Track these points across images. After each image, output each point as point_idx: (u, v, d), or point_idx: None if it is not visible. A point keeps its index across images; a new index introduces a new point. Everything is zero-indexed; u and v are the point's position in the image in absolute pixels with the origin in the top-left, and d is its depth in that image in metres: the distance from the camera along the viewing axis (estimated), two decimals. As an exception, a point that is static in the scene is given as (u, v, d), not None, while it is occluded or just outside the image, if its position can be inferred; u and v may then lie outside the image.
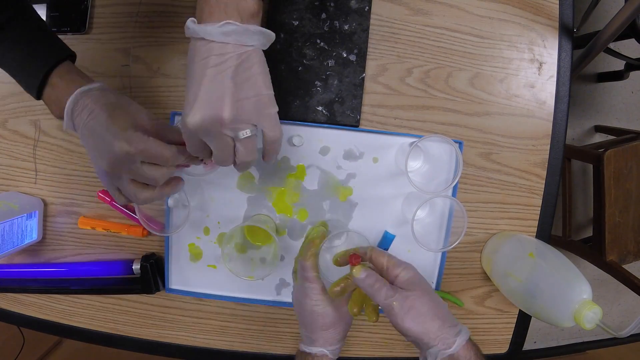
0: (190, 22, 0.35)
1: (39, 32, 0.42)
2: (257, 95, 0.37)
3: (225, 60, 0.35)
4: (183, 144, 0.40)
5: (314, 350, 0.48)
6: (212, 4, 0.35)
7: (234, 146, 0.39)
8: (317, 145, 0.56)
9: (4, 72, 0.57)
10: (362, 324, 0.62)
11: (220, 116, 0.36)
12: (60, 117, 0.41)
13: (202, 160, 0.43)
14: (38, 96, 0.41)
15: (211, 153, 0.40)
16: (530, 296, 0.50)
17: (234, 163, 0.41)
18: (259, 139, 0.41)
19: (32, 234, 0.58)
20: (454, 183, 0.50)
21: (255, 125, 0.39)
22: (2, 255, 0.53)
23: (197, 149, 0.39)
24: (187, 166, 0.44)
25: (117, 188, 0.42)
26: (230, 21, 0.34)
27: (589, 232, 1.26)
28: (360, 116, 0.56)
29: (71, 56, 0.44)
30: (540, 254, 0.52)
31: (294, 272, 0.51)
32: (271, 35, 0.38)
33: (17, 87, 0.57)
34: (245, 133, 0.38)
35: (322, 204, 0.58)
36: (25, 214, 0.55)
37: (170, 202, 0.56)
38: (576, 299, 0.45)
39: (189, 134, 0.38)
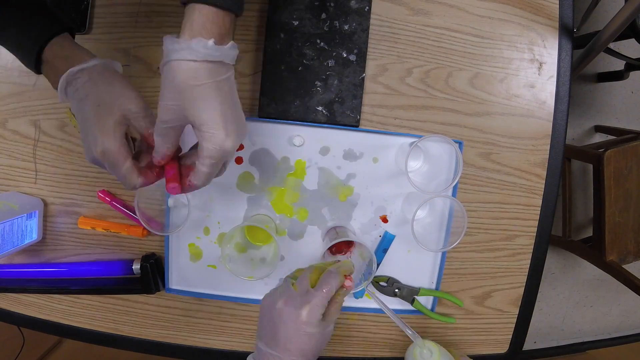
0: (213, 43, 0.34)
1: (32, 8, 0.41)
2: (241, 114, 0.40)
3: (231, 81, 0.37)
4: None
5: None
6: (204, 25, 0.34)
7: None
8: (317, 145, 0.56)
9: (4, 72, 0.57)
10: (363, 324, 0.62)
11: (245, 134, 0.39)
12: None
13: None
14: (38, 72, 0.41)
15: None
16: None
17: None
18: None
19: (32, 234, 0.58)
20: (454, 183, 0.50)
21: None
22: (2, 255, 0.53)
23: (214, 172, 0.39)
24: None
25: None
26: (215, 40, 0.34)
27: (589, 232, 1.26)
28: (360, 116, 0.56)
29: (67, 29, 0.42)
30: None
31: (292, 277, 0.45)
32: (236, 49, 0.38)
33: (17, 87, 0.57)
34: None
35: (322, 204, 0.58)
36: (25, 214, 0.55)
37: (171, 202, 0.56)
38: None
39: (221, 158, 0.37)
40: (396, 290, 0.60)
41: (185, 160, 0.42)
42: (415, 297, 0.60)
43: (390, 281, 0.60)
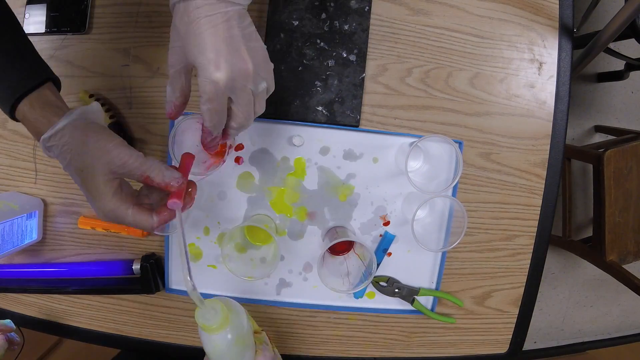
0: None
1: (14, 54, 0.39)
2: (262, 48, 0.38)
3: (230, 17, 0.35)
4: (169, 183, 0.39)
5: None
6: None
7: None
8: (317, 145, 0.56)
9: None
10: (363, 324, 0.62)
11: (246, 68, 0.36)
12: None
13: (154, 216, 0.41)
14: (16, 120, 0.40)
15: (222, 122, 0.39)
16: None
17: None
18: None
19: (32, 234, 0.58)
20: (454, 183, 0.50)
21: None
22: (2, 255, 0.53)
23: (220, 112, 0.38)
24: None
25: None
26: None
27: (589, 232, 1.26)
28: (360, 116, 0.56)
29: (50, 80, 0.41)
30: None
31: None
32: None
33: (17, 87, 0.57)
34: (263, 85, 0.39)
35: (321, 204, 0.58)
36: (25, 214, 0.55)
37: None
38: None
39: (215, 94, 0.36)
40: (396, 290, 0.60)
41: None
42: (415, 297, 0.60)
43: (390, 281, 0.60)
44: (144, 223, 0.39)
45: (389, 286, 0.60)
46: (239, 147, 0.56)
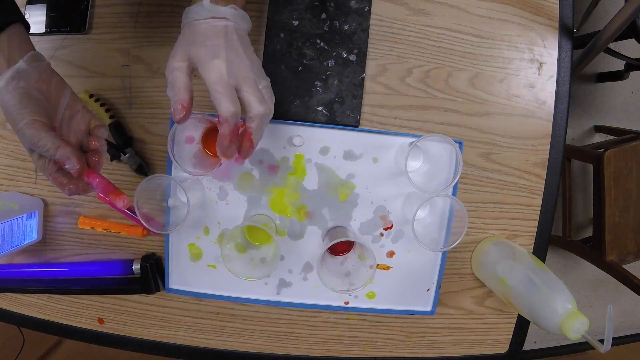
0: (207, 2, 0.40)
1: None
2: (258, 60, 0.43)
3: (229, 31, 0.41)
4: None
5: None
6: None
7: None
8: (317, 145, 0.56)
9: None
10: (362, 324, 0.62)
11: (242, 59, 0.41)
12: None
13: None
14: None
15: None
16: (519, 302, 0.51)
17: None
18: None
19: (32, 234, 0.58)
20: (454, 182, 0.50)
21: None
22: (2, 255, 0.53)
23: (230, 97, 0.40)
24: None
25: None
26: (235, 6, 0.41)
27: (589, 232, 1.26)
28: (360, 116, 0.56)
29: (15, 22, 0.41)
30: (526, 264, 0.52)
31: None
32: (250, 21, 0.44)
33: (17, 87, 0.57)
34: (263, 82, 0.42)
35: (321, 204, 0.58)
36: (25, 214, 0.55)
37: (171, 201, 0.56)
38: (561, 309, 0.45)
39: (220, 78, 0.39)
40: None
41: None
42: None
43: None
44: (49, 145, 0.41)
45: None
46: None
